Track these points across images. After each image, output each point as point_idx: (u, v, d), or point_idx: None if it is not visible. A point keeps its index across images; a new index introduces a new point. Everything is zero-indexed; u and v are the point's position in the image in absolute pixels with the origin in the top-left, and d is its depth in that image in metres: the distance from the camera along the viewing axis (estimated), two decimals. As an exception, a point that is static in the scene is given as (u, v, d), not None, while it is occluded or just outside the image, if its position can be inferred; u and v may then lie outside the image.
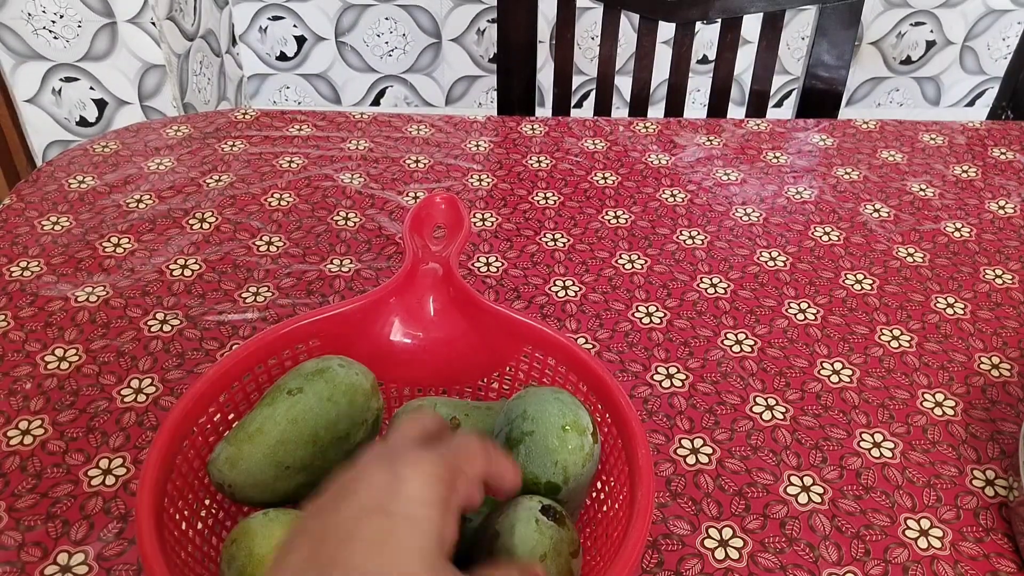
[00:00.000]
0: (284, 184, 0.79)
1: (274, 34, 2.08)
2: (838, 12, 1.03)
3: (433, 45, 2.11)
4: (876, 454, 0.55)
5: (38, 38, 1.62)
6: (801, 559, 0.48)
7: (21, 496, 0.50)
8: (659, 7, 1.03)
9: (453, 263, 0.51)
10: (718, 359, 0.61)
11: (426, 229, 0.54)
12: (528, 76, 1.08)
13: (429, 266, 0.51)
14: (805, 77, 1.07)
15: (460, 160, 0.84)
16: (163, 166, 0.81)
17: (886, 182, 0.83)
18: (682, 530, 0.50)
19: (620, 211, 0.77)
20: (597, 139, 0.88)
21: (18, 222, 0.72)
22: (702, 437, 0.55)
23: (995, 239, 0.75)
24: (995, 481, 0.53)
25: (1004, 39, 2.17)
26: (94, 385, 0.57)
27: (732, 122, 0.92)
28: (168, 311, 0.64)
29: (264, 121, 0.89)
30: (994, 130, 0.92)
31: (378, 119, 0.90)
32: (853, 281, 0.70)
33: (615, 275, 0.69)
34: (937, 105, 2.29)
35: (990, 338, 0.64)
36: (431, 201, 0.55)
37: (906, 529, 0.50)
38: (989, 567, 0.48)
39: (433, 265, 0.51)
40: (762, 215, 0.77)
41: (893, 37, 2.16)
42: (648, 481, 0.39)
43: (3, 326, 0.61)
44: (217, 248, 0.71)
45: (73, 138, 1.75)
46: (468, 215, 0.55)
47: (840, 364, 0.61)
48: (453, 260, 0.51)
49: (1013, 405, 0.59)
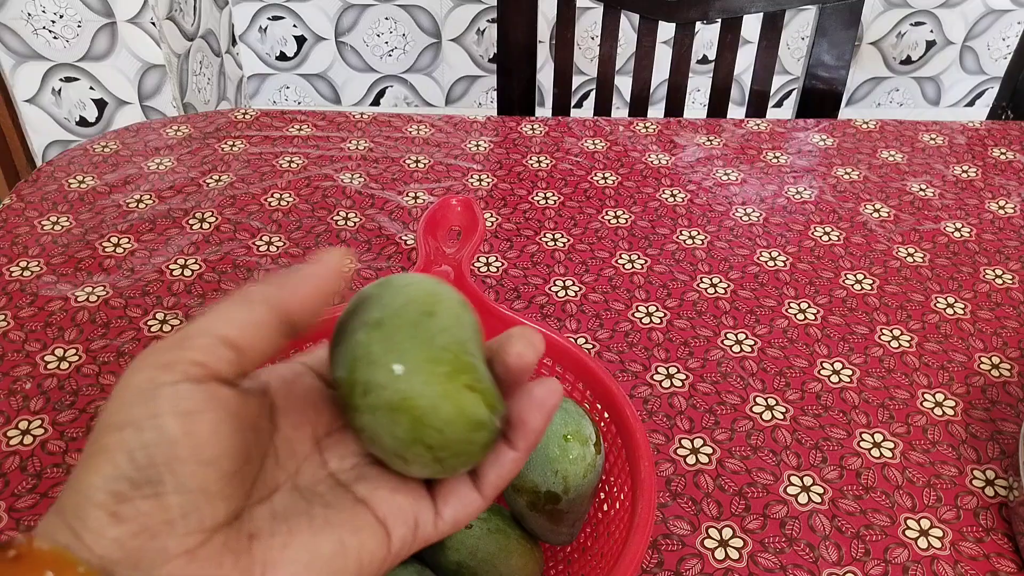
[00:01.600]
0: (284, 184, 0.79)
1: (274, 34, 2.08)
2: (838, 12, 1.03)
3: (433, 45, 2.11)
4: (876, 454, 0.55)
5: (38, 38, 1.62)
6: (801, 559, 0.48)
7: (21, 496, 0.50)
8: (659, 7, 1.03)
9: (465, 267, 0.51)
10: (718, 359, 0.61)
11: (440, 231, 0.54)
12: (528, 76, 1.08)
13: (442, 268, 0.51)
14: (805, 77, 1.07)
15: (460, 160, 0.84)
16: (163, 166, 0.81)
17: (886, 182, 0.83)
18: (682, 530, 0.50)
19: (620, 211, 0.77)
20: (597, 139, 0.88)
21: (18, 222, 0.72)
22: (702, 437, 0.55)
23: (995, 239, 0.75)
24: (995, 481, 0.53)
25: (1004, 39, 2.17)
26: (94, 385, 0.57)
27: (732, 122, 0.92)
28: (168, 311, 0.64)
29: (264, 121, 0.89)
30: (994, 130, 0.92)
31: (378, 119, 0.90)
32: (853, 281, 0.70)
33: (615, 275, 0.69)
34: (937, 105, 2.29)
35: (990, 338, 0.64)
36: (447, 203, 0.55)
37: (906, 529, 0.50)
38: (989, 567, 0.48)
39: (445, 267, 0.51)
40: (762, 215, 0.77)
41: (893, 37, 2.16)
42: (650, 495, 0.39)
43: (3, 326, 0.61)
44: (217, 248, 0.71)
45: (73, 138, 1.75)
46: (483, 219, 0.55)
47: (840, 364, 0.61)
48: (466, 264, 0.51)
49: (1013, 405, 0.59)
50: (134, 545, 0.23)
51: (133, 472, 0.23)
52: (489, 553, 0.41)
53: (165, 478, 0.23)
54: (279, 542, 0.26)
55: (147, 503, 0.23)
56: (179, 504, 0.24)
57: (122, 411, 0.24)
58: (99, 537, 0.23)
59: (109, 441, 0.24)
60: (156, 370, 0.24)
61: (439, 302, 0.28)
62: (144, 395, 0.24)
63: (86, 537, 0.23)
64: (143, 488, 0.23)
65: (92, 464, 0.24)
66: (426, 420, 0.27)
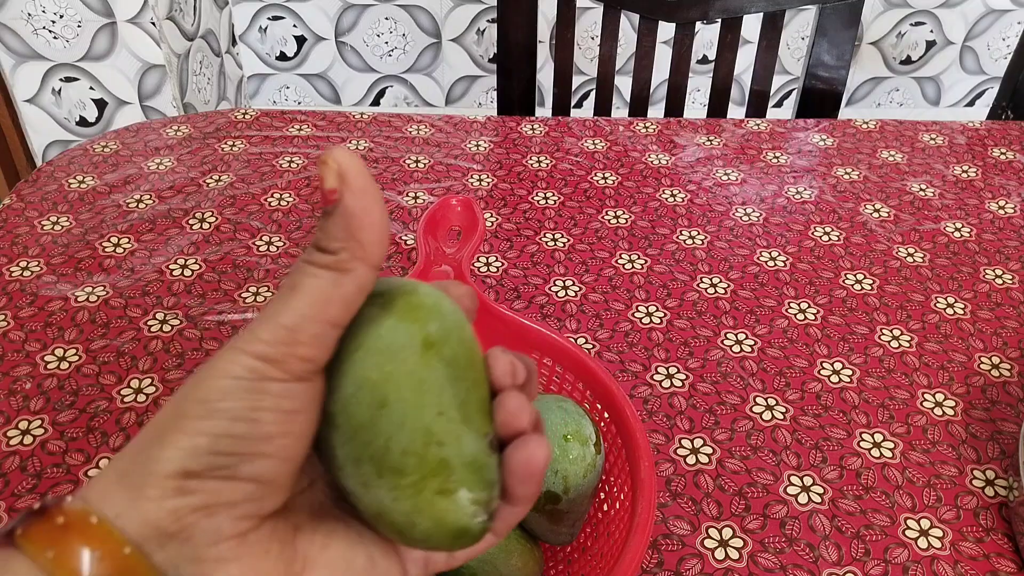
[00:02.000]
0: (284, 184, 0.79)
1: (274, 34, 2.08)
2: (838, 12, 1.03)
3: (433, 45, 2.11)
4: (876, 454, 0.55)
5: (38, 38, 1.62)
6: (801, 559, 0.48)
7: (21, 496, 0.50)
8: (659, 7, 1.04)
9: (465, 267, 0.51)
10: (718, 359, 0.61)
11: (440, 231, 0.54)
12: (528, 76, 1.08)
13: (441, 268, 0.51)
14: (805, 77, 1.07)
15: (460, 160, 0.84)
16: (163, 166, 0.81)
17: (886, 182, 0.83)
18: (682, 530, 0.49)
19: (620, 211, 0.77)
20: (597, 139, 0.88)
21: (18, 222, 0.72)
22: (702, 437, 0.55)
23: (995, 239, 0.75)
24: (995, 481, 0.53)
25: (1004, 39, 2.17)
26: (94, 385, 0.57)
27: (732, 122, 0.92)
28: (168, 311, 0.64)
29: (264, 121, 0.89)
30: (994, 130, 0.92)
31: (378, 119, 0.90)
32: (853, 281, 0.70)
33: (615, 275, 0.69)
34: (937, 105, 2.29)
35: (990, 338, 0.64)
36: (447, 203, 0.55)
37: (906, 529, 0.50)
38: (989, 567, 0.48)
39: (445, 268, 0.51)
40: (762, 215, 0.77)
41: (893, 37, 2.16)
42: (650, 495, 0.39)
43: (3, 326, 0.61)
44: (217, 248, 0.71)
45: (73, 138, 1.75)
46: (483, 219, 0.55)
47: (840, 364, 0.61)
48: (466, 264, 0.51)
49: (1013, 405, 0.59)
50: (190, 520, 0.23)
51: (212, 456, 0.23)
52: (489, 553, 0.41)
53: (243, 465, 0.23)
54: (319, 541, 0.26)
55: (216, 483, 0.23)
56: (247, 490, 0.23)
57: (214, 395, 0.23)
58: (157, 506, 0.22)
59: (194, 422, 0.23)
60: (262, 363, 0.23)
61: (390, 379, 0.24)
62: (244, 387, 0.23)
63: (143, 504, 0.22)
64: (217, 470, 0.23)
65: (169, 437, 0.23)
66: (407, 533, 0.25)
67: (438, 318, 0.26)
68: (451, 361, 0.25)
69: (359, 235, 0.23)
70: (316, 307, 0.23)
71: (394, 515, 0.25)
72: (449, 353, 0.25)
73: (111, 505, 0.23)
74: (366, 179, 0.23)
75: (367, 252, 0.24)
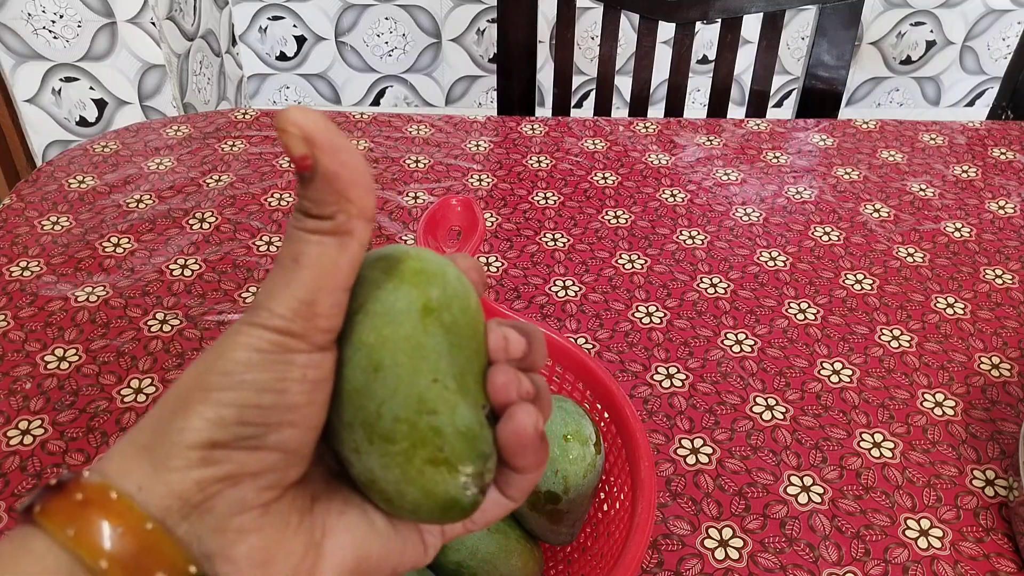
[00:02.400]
0: (284, 184, 0.79)
1: (274, 34, 2.08)
2: (838, 12, 1.03)
3: (433, 45, 2.11)
4: (876, 454, 0.55)
5: (38, 38, 1.62)
6: (801, 559, 0.48)
7: (21, 496, 0.50)
8: (659, 7, 1.04)
9: None
10: (718, 359, 0.61)
11: (440, 231, 0.54)
12: (528, 76, 1.08)
13: None
14: (805, 77, 1.07)
15: (460, 160, 0.84)
16: (163, 166, 0.81)
17: (886, 182, 0.83)
18: (682, 530, 0.49)
19: (620, 211, 0.77)
20: (597, 139, 0.88)
21: (18, 222, 0.72)
22: (702, 437, 0.55)
23: (995, 239, 0.75)
24: (995, 481, 0.53)
25: (1004, 39, 2.17)
26: (94, 385, 0.57)
27: (732, 122, 0.92)
28: (168, 311, 0.64)
29: (264, 121, 0.89)
30: (994, 130, 0.92)
31: (378, 119, 0.90)
32: (853, 281, 0.70)
33: (615, 275, 0.69)
34: (937, 105, 2.29)
35: (990, 338, 0.64)
36: (447, 203, 0.54)
37: (906, 529, 0.50)
38: (989, 567, 0.48)
39: None
40: (762, 215, 0.77)
41: (893, 37, 2.16)
42: (650, 495, 0.39)
43: (3, 326, 0.61)
44: (217, 248, 0.71)
45: (73, 138, 1.75)
46: (483, 219, 0.55)
47: (840, 364, 0.61)
48: None
49: (1013, 405, 0.59)
50: (214, 490, 0.23)
51: (239, 426, 0.23)
52: (489, 553, 0.41)
53: (270, 435, 0.23)
54: (336, 508, 0.26)
55: (242, 454, 0.23)
56: (272, 460, 0.23)
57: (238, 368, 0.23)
58: (182, 477, 0.22)
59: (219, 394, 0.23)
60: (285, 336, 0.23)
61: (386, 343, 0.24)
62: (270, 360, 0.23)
63: (166, 475, 0.22)
64: (244, 440, 0.23)
65: (193, 408, 0.23)
66: (396, 503, 0.25)
67: (441, 284, 0.25)
68: (451, 328, 0.25)
69: (349, 194, 0.23)
70: (327, 277, 0.23)
71: (383, 483, 0.25)
72: (449, 320, 0.25)
73: (132, 478, 0.22)
74: (333, 133, 0.23)
75: (361, 207, 0.23)
